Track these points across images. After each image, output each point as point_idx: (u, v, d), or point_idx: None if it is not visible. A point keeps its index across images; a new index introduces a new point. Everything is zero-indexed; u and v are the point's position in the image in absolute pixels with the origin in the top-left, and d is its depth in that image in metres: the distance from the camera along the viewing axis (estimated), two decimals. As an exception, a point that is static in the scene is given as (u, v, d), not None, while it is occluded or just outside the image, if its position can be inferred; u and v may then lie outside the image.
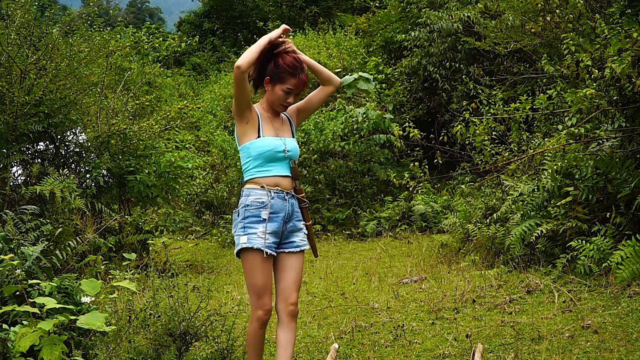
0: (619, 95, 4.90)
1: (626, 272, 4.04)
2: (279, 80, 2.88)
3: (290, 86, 2.88)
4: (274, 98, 2.91)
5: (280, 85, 2.88)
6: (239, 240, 2.82)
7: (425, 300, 4.65)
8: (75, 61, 6.19)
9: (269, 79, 2.90)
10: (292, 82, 2.88)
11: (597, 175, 4.84)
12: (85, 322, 2.83)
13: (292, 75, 2.88)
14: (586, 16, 5.81)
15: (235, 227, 2.87)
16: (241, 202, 2.88)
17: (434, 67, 10.09)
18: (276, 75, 2.88)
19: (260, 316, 2.80)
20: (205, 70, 21.08)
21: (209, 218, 10.14)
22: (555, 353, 3.27)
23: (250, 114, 2.88)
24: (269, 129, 2.92)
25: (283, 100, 2.91)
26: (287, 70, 2.87)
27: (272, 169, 2.88)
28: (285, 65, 2.87)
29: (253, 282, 2.80)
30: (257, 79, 2.95)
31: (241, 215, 2.84)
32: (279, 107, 2.95)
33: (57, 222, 5.08)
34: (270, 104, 2.95)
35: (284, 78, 2.87)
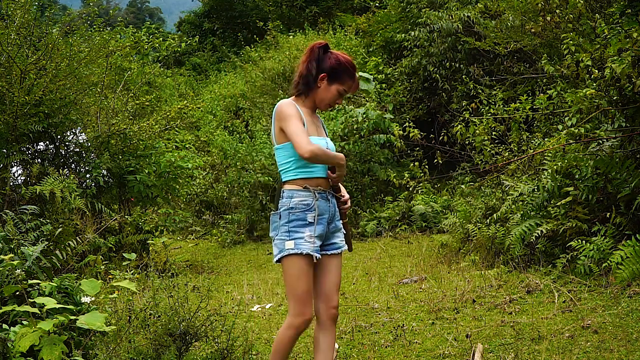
0: (619, 95, 4.90)
1: (626, 272, 4.04)
2: (337, 79, 2.78)
3: (346, 87, 2.80)
4: (327, 96, 2.80)
5: (338, 84, 2.78)
6: (284, 245, 2.69)
7: (425, 300, 4.65)
8: (75, 61, 6.20)
9: (326, 75, 2.77)
10: (349, 83, 2.80)
11: (597, 175, 4.84)
12: (85, 322, 2.83)
13: (351, 76, 2.80)
14: (586, 16, 5.81)
15: (277, 231, 2.74)
16: (283, 204, 2.73)
17: (434, 67, 10.09)
18: (336, 74, 2.77)
19: (300, 325, 2.69)
20: (205, 70, 21.10)
21: (209, 218, 10.15)
22: (555, 353, 3.27)
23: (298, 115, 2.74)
24: (312, 128, 2.80)
25: (334, 101, 2.82)
26: (349, 69, 2.79)
27: (315, 170, 2.77)
28: (348, 64, 2.79)
29: (297, 288, 2.68)
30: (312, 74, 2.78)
31: (285, 219, 2.71)
32: (326, 107, 2.84)
33: (57, 222, 5.08)
34: (318, 101, 2.82)
35: (343, 78, 2.78)
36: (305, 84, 2.79)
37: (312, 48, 2.81)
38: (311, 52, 2.79)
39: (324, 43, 2.82)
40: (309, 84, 2.79)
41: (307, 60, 2.80)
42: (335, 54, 2.80)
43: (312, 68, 2.77)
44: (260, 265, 7.13)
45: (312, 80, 2.78)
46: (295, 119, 2.66)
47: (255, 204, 9.03)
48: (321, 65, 2.77)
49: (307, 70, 2.78)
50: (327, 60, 2.78)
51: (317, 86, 2.78)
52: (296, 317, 2.69)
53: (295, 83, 2.84)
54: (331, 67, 2.76)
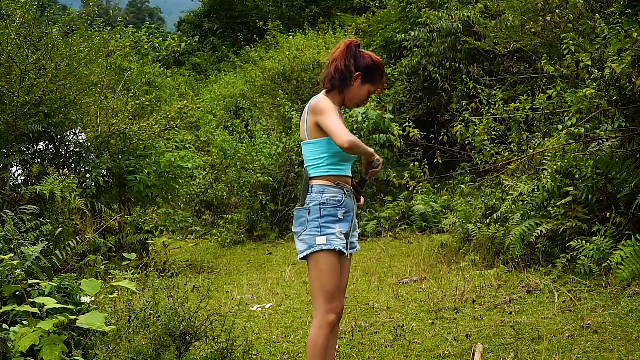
0: (619, 95, 4.90)
1: (626, 272, 4.04)
2: (371, 79, 2.78)
3: (376, 88, 2.82)
4: (359, 95, 2.79)
5: (370, 85, 2.79)
6: (315, 241, 2.65)
7: (425, 300, 4.65)
8: (75, 61, 6.19)
9: (361, 74, 2.76)
10: (379, 84, 2.82)
11: (597, 175, 4.84)
12: (85, 322, 2.83)
13: (382, 78, 2.81)
14: (586, 16, 5.81)
15: (305, 226, 2.69)
16: (313, 198, 2.70)
17: (434, 67, 10.09)
18: (370, 73, 2.77)
19: (333, 320, 2.66)
20: (205, 70, 21.10)
21: (209, 218, 10.14)
22: (555, 353, 3.27)
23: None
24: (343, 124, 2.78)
25: (363, 100, 2.83)
26: (382, 70, 2.80)
27: (344, 168, 2.78)
28: (381, 65, 2.80)
29: (327, 284, 2.65)
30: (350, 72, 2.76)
31: (315, 214, 2.68)
32: (354, 106, 2.84)
33: (57, 222, 5.08)
34: (348, 100, 2.81)
35: (376, 78, 2.79)
36: (342, 80, 2.76)
37: (348, 45, 2.78)
38: (348, 49, 2.76)
39: (358, 42, 2.80)
40: (345, 80, 2.76)
41: (344, 56, 2.76)
42: (367, 53, 2.80)
43: (351, 65, 2.75)
44: (260, 265, 7.13)
45: (348, 78, 2.75)
46: (334, 113, 2.67)
47: (255, 204, 9.03)
48: (356, 64, 2.76)
49: (344, 67, 2.75)
50: (362, 60, 2.76)
51: (350, 84, 2.76)
52: (328, 314, 2.65)
53: (330, 77, 2.79)
54: (366, 67, 2.76)
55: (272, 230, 9.05)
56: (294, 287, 5.66)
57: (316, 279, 2.68)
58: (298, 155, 9.09)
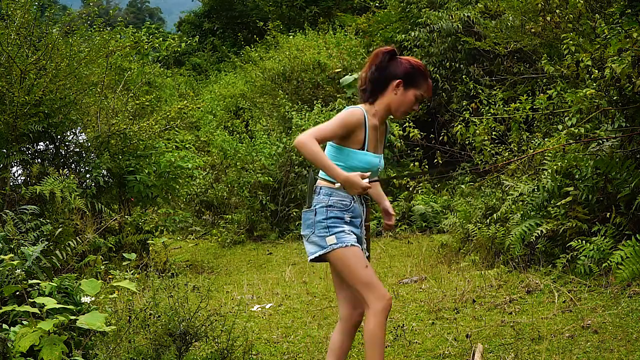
0: (619, 95, 4.90)
1: (626, 272, 4.04)
2: (413, 83, 2.68)
3: (422, 92, 2.71)
4: (404, 102, 2.69)
5: (415, 89, 2.68)
6: (325, 242, 2.63)
7: (425, 300, 4.65)
8: (75, 61, 6.19)
9: (401, 81, 2.67)
10: (425, 87, 2.71)
11: (597, 175, 4.84)
12: (85, 322, 2.83)
13: (425, 79, 2.71)
14: (586, 16, 5.81)
15: (313, 228, 2.67)
16: (320, 200, 2.68)
17: (434, 67, 10.08)
18: (411, 78, 2.67)
19: (386, 306, 2.59)
20: (205, 70, 21.10)
21: (209, 218, 10.14)
22: (555, 353, 3.27)
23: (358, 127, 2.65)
24: (372, 142, 2.71)
25: (411, 107, 2.72)
26: (424, 73, 2.70)
27: None
28: (422, 68, 2.70)
29: (361, 276, 2.60)
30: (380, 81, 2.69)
31: (322, 215, 2.65)
32: (402, 114, 2.73)
33: (57, 222, 5.08)
34: (395, 109, 2.71)
35: (419, 82, 2.69)
36: (372, 89, 2.71)
37: (377, 53, 2.72)
38: (376, 57, 2.70)
39: (390, 49, 2.72)
40: (376, 90, 2.70)
41: (371, 65, 2.71)
42: (405, 58, 2.71)
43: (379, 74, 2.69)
44: (260, 265, 7.13)
45: (380, 86, 2.69)
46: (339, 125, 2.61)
47: (255, 204, 9.03)
48: (393, 71, 2.68)
49: (372, 75, 2.70)
50: (400, 66, 2.68)
51: (393, 94, 2.68)
52: (378, 302, 2.58)
53: (361, 89, 2.74)
54: (405, 73, 2.67)
55: (272, 230, 9.05)
56: (294, 287, 5.66)
57: (349, 275, 2.63)
58: (298, 155, 9.09)
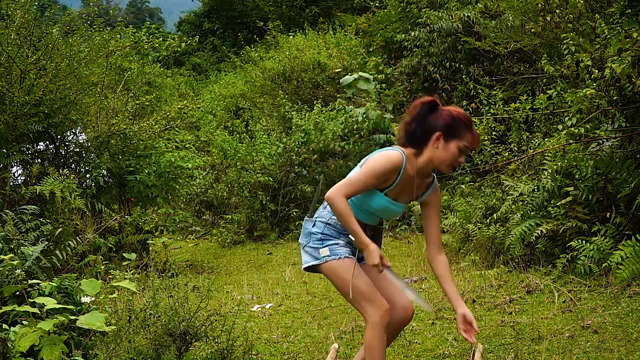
0: (619, 95, 4.90)
1: (626, 272, 4.04)
2: (454, 135, 2.55)
3: (467, 143, 2.57)
4: (447, 156, 2.57)
5: (457, 141, 2.55)
6: (319, 253, 2.64)
7: (425, 300, 4.65)
8: (75, 61, 6.20)
9: (441, 134, 2.56)
10: (468, 137, 2.57)
11: (597, 175, 4.84)
12: (85, 322, 2.83)
13: (468, 129, 2.57)
14: (586, 16, 5.81)
15: (308, 238, 2.70)
16: (322, 215, 2.71)
17: (434, 67, 10.08)
18: (451, 130, 2.55)
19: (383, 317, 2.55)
20: (205, 70, 21.10)
21: (209, 218, 10.14)
22: (555, 353, 3.27)
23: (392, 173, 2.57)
24: (398, 189, 2.64)
25: (455, 159, 2.58)
26: (465, 123, 2.56)
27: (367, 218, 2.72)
28: (463, 118, 2.57)
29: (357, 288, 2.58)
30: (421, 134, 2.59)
31: (319, 228, 2.68)
32: (447, 168, 2.60)
33: (57, 222, 5.08)
34: (438, 163, 2.60)
35: (461, 133, 2.56)
36: (411, 140, 2.62)
37: (415, 105, 2.64)
38: (414, 109, 2.63)
39: (430, 99, 2.63)
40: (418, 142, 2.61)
41: (410, 117, 2.63)
42: (447, 109, 2.60)
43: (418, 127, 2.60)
44: (260, 265, 7.13)
45: (421, 139, 2.60)
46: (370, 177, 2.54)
47: (255, 204, 9.03)
48: (433, 124, 2.58)
49: (410, 127, 2.62)
50: (440, 118, 2.58)
51: (434, 147, 2.58)
52: (374, 314, 2.56)
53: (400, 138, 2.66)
54: (445, 125, 2.56)
55: (272, 230, 9.05)
56: (294, 287, 5.66)
57: (342, 286, 2.62)
58: (298, 155, 9.09)
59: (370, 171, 2.56)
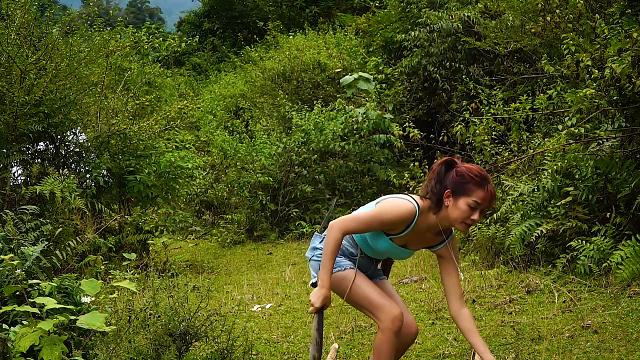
0: (619, 95, 4.89)
1: (626, 272, 4.04)
2: (463, 192, 2.51)
3: (477, 199, 2.49)
4: (457, 214, 2.53)
5: (466, 198, 2.51)
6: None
7: (425, 300, 4.65)
8: (75, 61, 6.19)
9: (450, 192, 2.53)
10: (479, 194, 2.49)
11: (597, 175, 4.84)
12: (85, 322, 2.83)
13: (480, 186, 2.50)
14: (586, 16, 5.81)
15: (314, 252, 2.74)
16: None
17: (434, 67, 10.08)
18: (460, 187, 2.52)
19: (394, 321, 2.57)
20: (205, 70, 21.09)
21: (209, 218, 10.14)
22: (555, 353, 3.27)
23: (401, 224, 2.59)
24: (407, 238, 2.65)
25: (467, 217, 2.52)
26: (474, 180, 2.50)
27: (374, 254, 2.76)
28: (472, 175, 2.51)
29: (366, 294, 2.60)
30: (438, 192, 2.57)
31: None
32: (461, 226, 2.55)
33: (57, 222, 5.08)
34: (451, 221, 2.56)
35: (469, 190, 2.51)
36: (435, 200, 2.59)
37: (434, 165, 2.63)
38: (433, 170, 2.62)
39: (447, 159, 2.62)
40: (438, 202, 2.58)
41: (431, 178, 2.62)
42: (462, 167, 2.56)
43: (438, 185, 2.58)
44: (260, 265, 7.13)
45: (437, 197, 2.57)
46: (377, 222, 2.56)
47: (255, 204, 9.03)
48: (445, 182, 2.56)
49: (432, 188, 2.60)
50: (450, 177, 2.55)
51: (445, 205, 2.56)
52: (386, 320, 2.58)
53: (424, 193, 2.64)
54: (454, 183, 2.54)
55: (272, 230, 9.05)
56: (294, 287, 5.66)
57: (352, 297, 2.65)
58: (298, 155, 9.10)
59: (377, 216, 2.57)
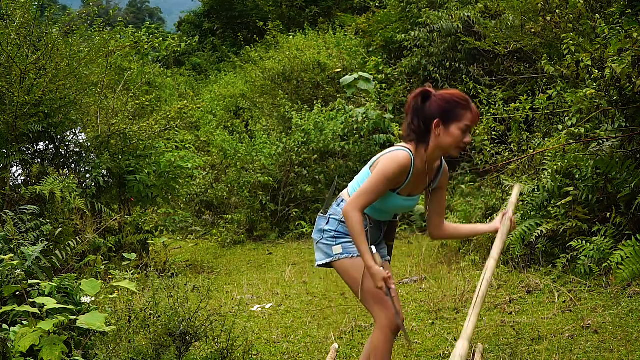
0: (619, 95, 4.90)
1: (626, 272, 4.04)
2: (453, 118, 2.52)
3: (467, 122, 2.53)
4: (450, 140, 2.53)
5: (457, 123, 2.52)
6: (332, 250, 2.64)
7: (425, 300, 4.65)
8: (75, 61, 6.19)
9: (439, 120, 2.53)
10: (468, 116, 2.53)
11: (597, 175, 4.84)
12: (85, 322, 2.83)
13: (467, 108, 2.53)
14: (586, 16, 5.81)
15: (322, 234, 2.70)
16: (336, 212, 2.68)
17: (434, 67, 10.09)
18: (449, 114, 2.52)
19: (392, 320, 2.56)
20: (205, 70, 21.10)
21: (209, 218, 10.14)
22: (555, 353, 3.27)
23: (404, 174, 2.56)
24: (410, 186, 2.63)
25: (460, 141, 2.55)
26: (462, 104, 2.53)
27: (382, 216, 2.72)
28: (458, 99, 2.53)
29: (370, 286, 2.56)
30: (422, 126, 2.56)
31: (332, 226, 2.68)
32: (455, 151, 2.58)
33: (57, 222, 5.08)
34: (446, 148, 2.57)
35: (458, 114, 2.52)
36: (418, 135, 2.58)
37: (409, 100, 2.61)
38: (409, 104, 2.61)
39: (421, 90, 2.60)
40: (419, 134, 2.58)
41: (408, 113, 2.61)
42: (440, 94, 2.57)
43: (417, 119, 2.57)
44: (260, 265, 7.13)
45: (423, 131, 2.57)
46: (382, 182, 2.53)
47: (255, 204, 9.03)
48: (429, 112, 2.55)
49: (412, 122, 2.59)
50: (435, 105, 2.55)
51: (435, 134, 2.55)
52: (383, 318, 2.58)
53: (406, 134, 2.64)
54: (441, 110, 2.53)
55: (272, 230, 9.05)
56: (294, 287, 5.66)
57: (354, 284, 2.63)
58: (298, 155, 9.10)
59: (381, 178, 2.54)
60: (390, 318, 2.57)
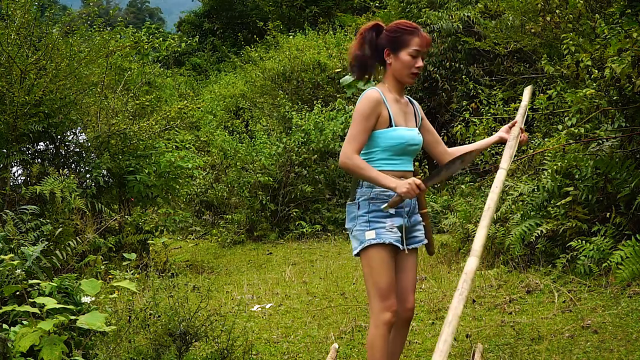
0: (619, 95, 4.90)
1: (626, 272, 4.04)
2: (400, 45, 2.59)
3: (416, 47, 2.58)
4: (402, 67, 2.61)
5: (405, 49, 2.59)
6: (364, 236, 2.56)
7: (425, 300, 4.65)
8: (75, 61, 6.20)
9: (388, 50, 2.62)
10: (414, 41, 2.58)
11: (597, 175, 4.84)
12: (85, 322, 2.83)
13: (414, 34, 2.59)
14: (586, 16, 5.81)
15: (355, 222, 2.61)
16: (362, 193, 2.61)
17: (434, 67, 10.09)
18: (396, 42, 2.60)
19: (389, 319, 2.54)
20: (205, 70, 21.12)
21: (209, 218, 10.14)
22: (555, 353, 3.27)
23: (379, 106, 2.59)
24: (399, 116, 2.64)
25: (412, 66, 2.60)
26: (407, 30, 2.59)
27: (400, 163, 2.64)
28: (403, 27, 2.60)
29: (380, 282, 2.53)
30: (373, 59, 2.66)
31: (364, 209, 2.59)
32: (409, 77, 2.63)
33: (57, 222, 5.08)
34: (398, 77, 2.64)
35: (405, 40, 2.59)
36: (360, 66, 2.68)
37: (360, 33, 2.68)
38: (360, 35, 2.67)
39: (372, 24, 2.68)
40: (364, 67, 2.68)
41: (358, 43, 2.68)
42: (387, 26, 2.66)
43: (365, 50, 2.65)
44: (260, 265, 7.13)
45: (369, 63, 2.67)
46: (362, 121, 2.56)
47: (255, 204, 9.03)
48: (380, 43, 2.64)
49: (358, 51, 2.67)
50: (383, 37, 2.64)
51: (388, 64, 2.64)
52: (382, 313, 2.54)
53: (351, 67, 2.72)
54: (389, 40, 2.62)
55: (272, 230, 9.05)
56: (294, 287, 5.66)
57: (368, 276, 2.58)
58: (298, 155, 9.10)
59: (359, 117, 2.58)
60: (386, 315, 2.54)
